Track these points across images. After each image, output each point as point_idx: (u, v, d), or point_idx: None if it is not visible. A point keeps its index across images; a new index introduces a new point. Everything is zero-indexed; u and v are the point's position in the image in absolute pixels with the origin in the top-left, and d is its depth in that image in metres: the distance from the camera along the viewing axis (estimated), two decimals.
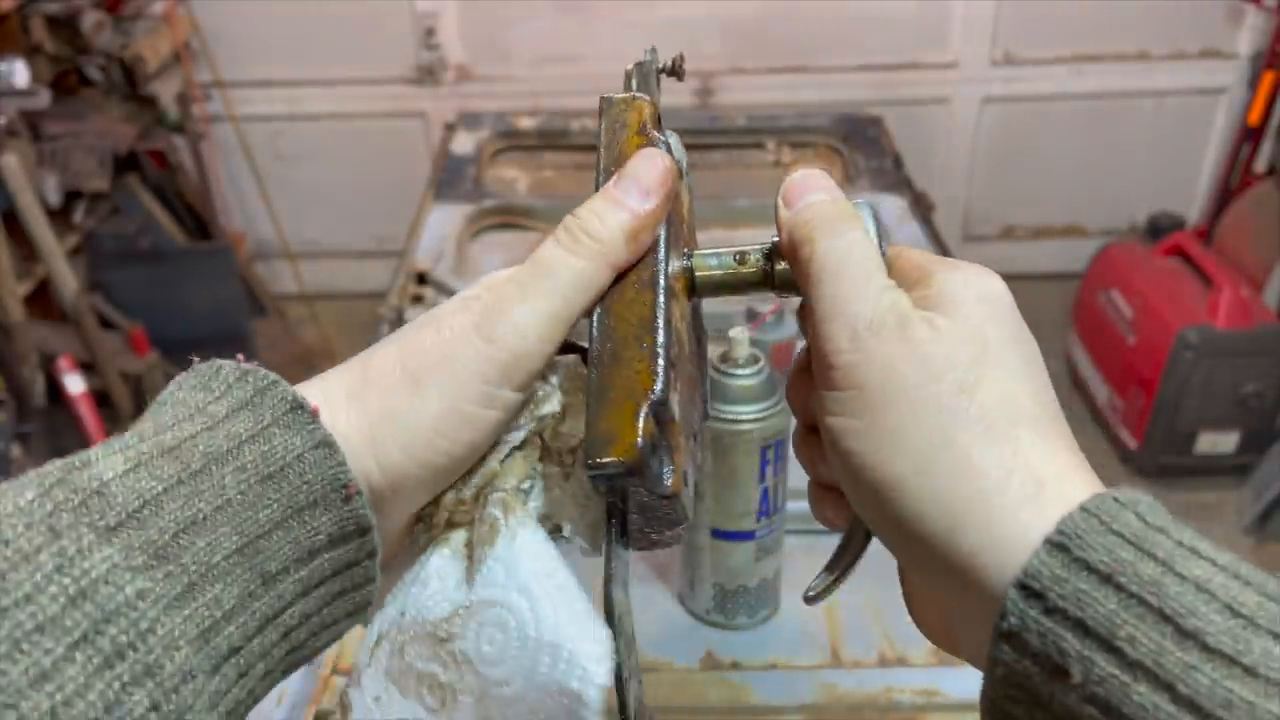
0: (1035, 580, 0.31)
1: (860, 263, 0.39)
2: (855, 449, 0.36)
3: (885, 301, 0.38)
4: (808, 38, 3.34)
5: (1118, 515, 0.32)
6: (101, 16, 2.81)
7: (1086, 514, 0.32)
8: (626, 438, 0.37)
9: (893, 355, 0.36)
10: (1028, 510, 0.33)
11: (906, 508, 0.35)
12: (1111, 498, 0.32)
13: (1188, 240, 2.96)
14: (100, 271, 2.86)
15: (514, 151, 2.15)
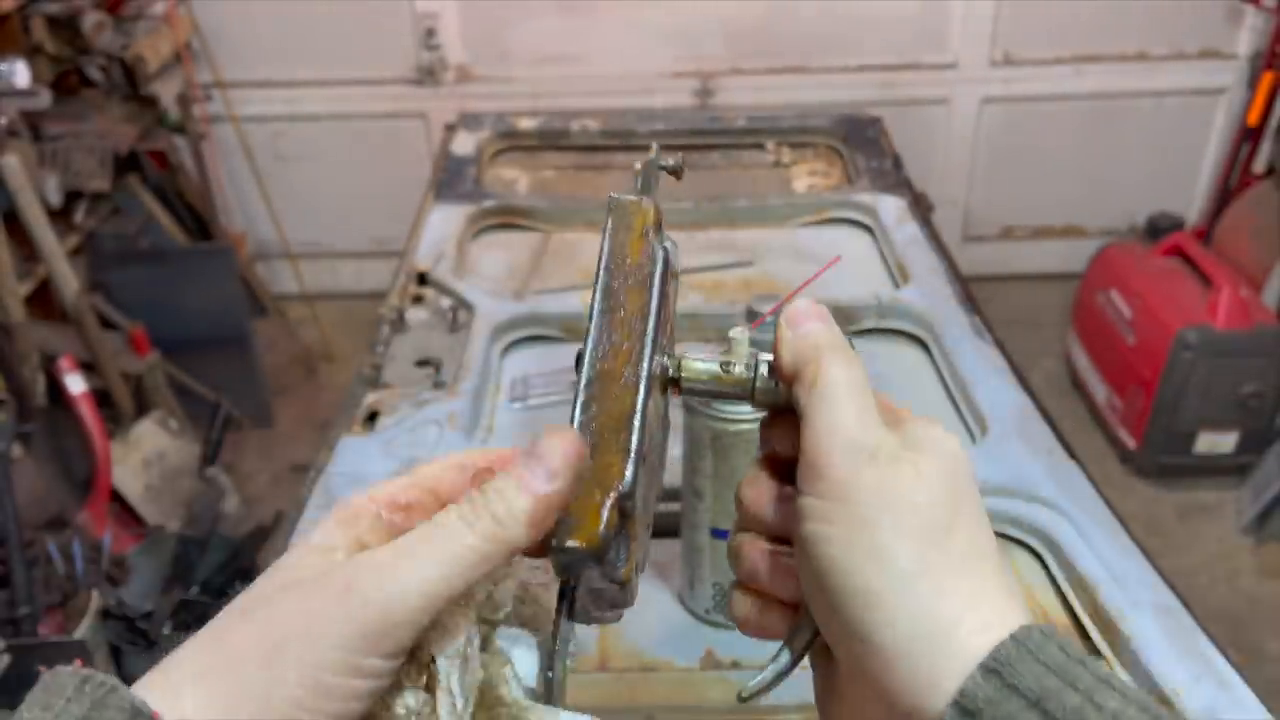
0: (970, 701, 0.35)
1: (864, 394, 0.42)
2: (836, 556, 0.39)
3: (881, 434, 0.41)
4: (808, 38, 3.34)
5: (1043, 646, 0.36)
6: (102, 17, 2.81)
7: (1016, 643, 0.36)
8: (591, 525, 0.40)
9: (885, 481, 0.40)
10: (976, 640, 0.37)
11: (879, 621, 0.38)
12: (1037, 630, 0.37)
13: (1187, 240, 2.97)
14: (101, 272, 2.86)
15: (514, 152, 2.15)
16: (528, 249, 1.79)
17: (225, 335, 3.02)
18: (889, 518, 0.39)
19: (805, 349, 0.43)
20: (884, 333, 1.50)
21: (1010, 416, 1.26)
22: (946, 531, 0.39)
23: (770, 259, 1.71)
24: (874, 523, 0.39)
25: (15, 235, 2.53)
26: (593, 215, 1.85)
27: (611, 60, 3.35)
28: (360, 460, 1.22)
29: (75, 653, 1.78)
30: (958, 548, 0.39)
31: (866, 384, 0.43)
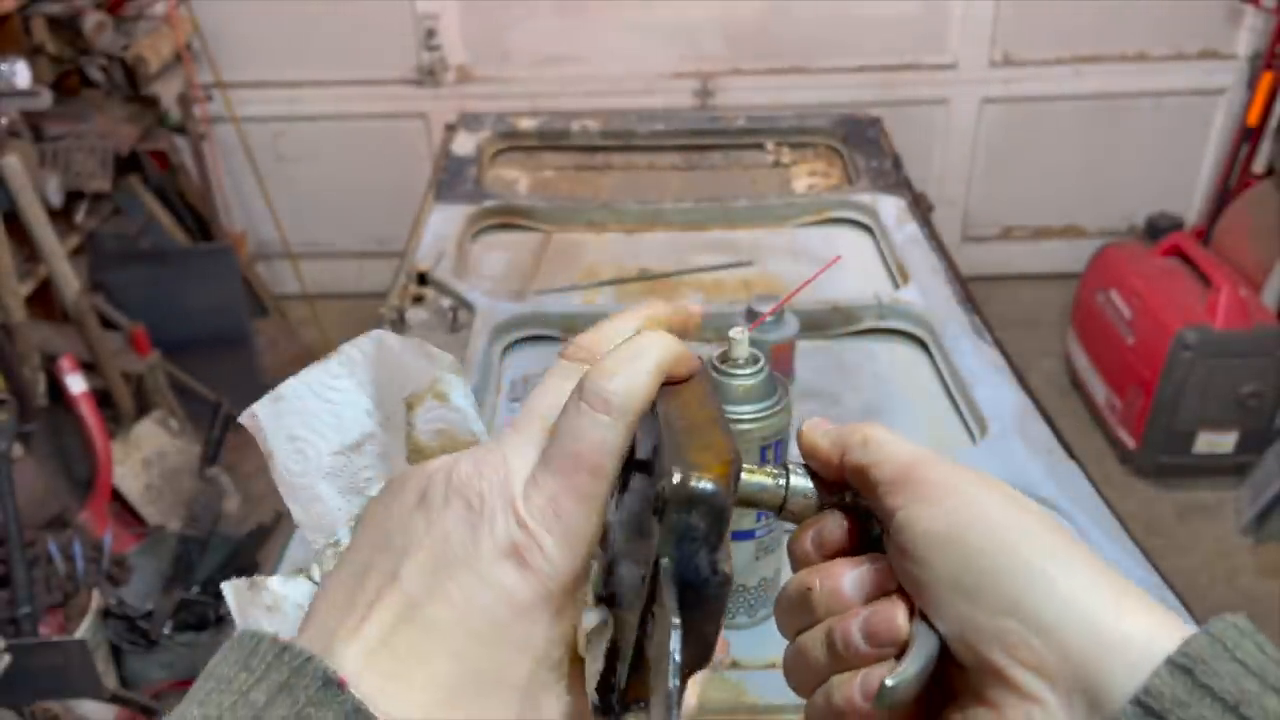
0: (1155, 700, 0.31)
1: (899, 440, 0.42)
2: (975, 540, 0.37)
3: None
4: (807, 39, 3.35)
5: (1239, 643, 0.32)
6: (103, 17, 2.81)
7: (1210, 638, 0.32)
8: (721, 460, 0.35)
9: (984, 477, 0.39)
10: (1131, 620, 0.34)
11: (1040, 597, 0.35)
12: (1233, 624, 0.32)
13: (1186, 240, 2.97)
14: (102, 272, 2.86)
15: (514, 152, 2.16)
16: (528, 249, 1.79)
17: (226, 335, 3.03)
18: (1001, 495, 0.38)
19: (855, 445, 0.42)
20: (884, 333, 1.50)
21: (1010, 416, 1.27)
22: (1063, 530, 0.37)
23: (770, 259, 1.72)
24: (1001, 502, 0.37)
25: (16, 235, 2.53)
26: (593, 215, 1.86)
27: (612, 61, 3.36)
28: None
29: (75, 653, 1.78)
30: (1068, 535, 0.37)
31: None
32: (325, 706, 0.34)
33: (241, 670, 0.35)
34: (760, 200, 1.86)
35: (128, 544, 2.41)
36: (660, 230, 1.83)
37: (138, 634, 2.13)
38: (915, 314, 1.49)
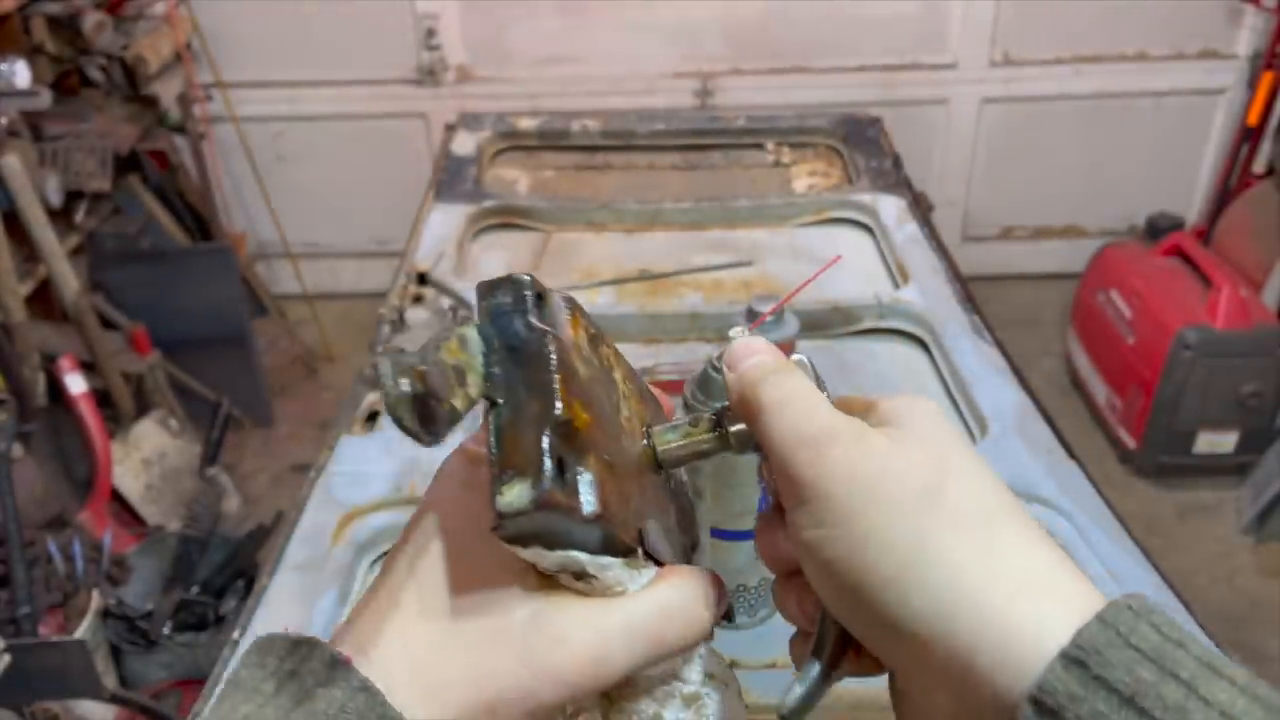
0: (1050, 696, 0.30)
1: (806, 394, 0.40)
2: (833, 556, 0.36)
3: (838, 418, 0.39)
4: (807, 39, 3.35)
5: (1134, 627, 0.30)
6: (102, 17, 2.81)
7: (1103, 625, 0.30)
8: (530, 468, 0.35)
9: (854, 461, 0.37)
10: (1021, 606, 0.32)
11: (894, 608, 0.34)
12: (1126, 606, 0.31)
13: (1187, 240, 2.97)
14: (101, 272, 2.86)
15: (514, 152, 2.15)
16: (528, 249, 1.79)
17: (225, 335, 3.03)
18: (868, 498, 0.36)
19: (746, 385, 0.41)
20: (884, 333, 1.50)
21: (1010, 416, 1.27)
22: (938, 492, 0.35)
23: (770, 259, 1.72)
24: (855, 511, 0.36)
25: (15, 235, 2.53)
26: (593, 215, 1.85)
27: (612, 60, 3.36)
28: (361, 460, 1.22)
29: (75, 653, 1.78)
30: (957, 506, 0.35)
31: (813, 388, 0.41)
32: (333, 685, 0.36)
33: (257, 669, 0.37)
34: (760, 200, 1.86)
35: (127, 544, 2.40)
36: (660, 230, 1.83)
37: (137, 634, 2.13)
38: (915, 314, 1.49)
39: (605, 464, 0.37)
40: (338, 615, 1.19)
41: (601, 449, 0.37)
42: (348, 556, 1.21)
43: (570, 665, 0.37)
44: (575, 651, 0.37)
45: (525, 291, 0.38)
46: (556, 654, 0.37)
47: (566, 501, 0.35)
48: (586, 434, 0.37)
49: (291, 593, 1.19)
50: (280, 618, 1.17)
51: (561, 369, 0.37)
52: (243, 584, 2.27)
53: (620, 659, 0.38)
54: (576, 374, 0.38)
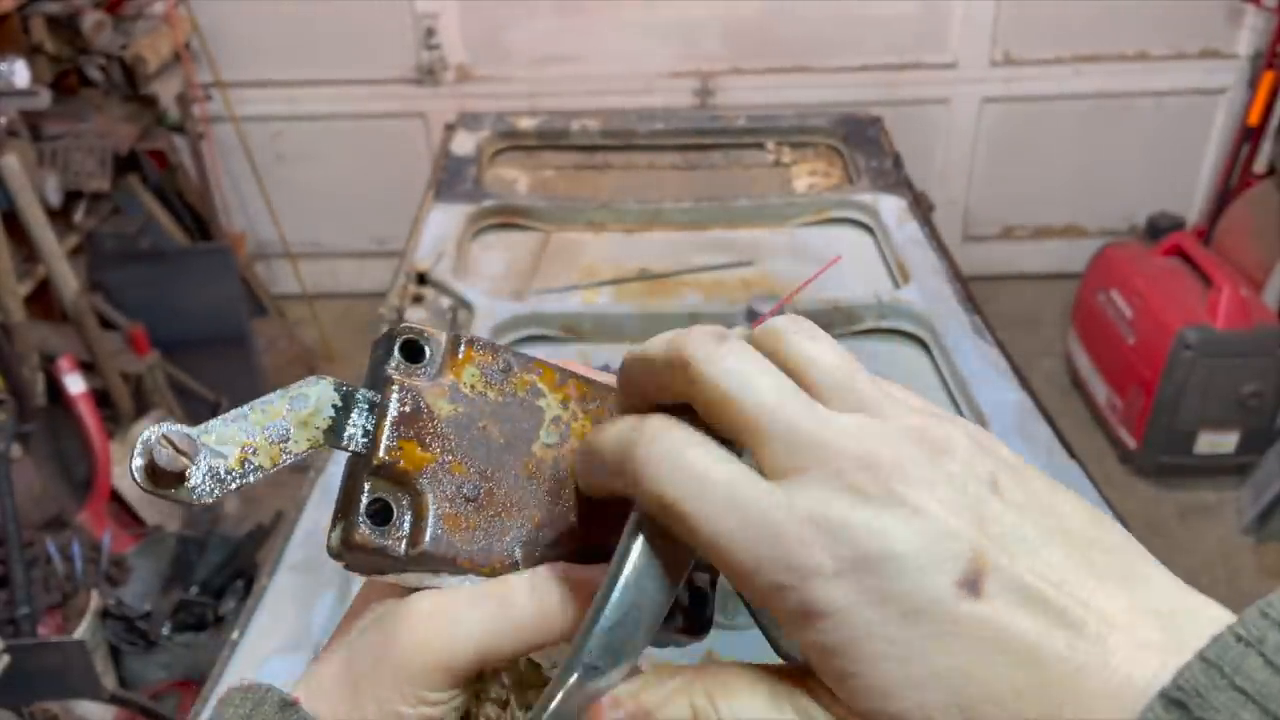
0: None
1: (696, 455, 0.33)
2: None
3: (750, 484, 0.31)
4: (808, 38, 3.34)
5: (1241, 664, 0.27)
6: (102, 17, 2.81)
7: (1207, 666, 0.27)
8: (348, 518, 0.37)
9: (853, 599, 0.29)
10: (1118, 656, 0.28)
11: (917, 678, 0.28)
12: (1235, 635, 0.28)
13: (1187, 240, 2.96)
14: (100, 271, 2.86)
15: (514, 151, 2.15)
16: (528, 249, 1.79)
17: (225, 335, 3.02)
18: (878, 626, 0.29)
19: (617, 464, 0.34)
20: (884, 333, 1.50)
21: (1011, 416, 1.26)
22: (974, 589, 0.29)
23: (770, 259, 1.71)
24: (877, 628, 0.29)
25: (15, 235, 2.53)
26: (593, 215, 1.85)
27: (611, 60, 3.35)
28: None
29: (74, 653, 1.78)
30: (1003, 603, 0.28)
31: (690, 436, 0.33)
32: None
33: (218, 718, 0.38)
34: (760, 200, 1.86)
35: (126, 544, 2.40)
36: (660, 230, 1.83)
37: (136, 634, 2.13)
38: (916, 314, 1.48)
39: (460, 498, 0.39)
40: (337, 615, 1.19)
41: (455, 485, 0.39)
42: None
43: (417, 624, 0.37)
44: (418, 609, 0.38)
45: (394, 344, 0.39)
46: (403, 618, 0.38)
47: (375, 543, 0.37)
48: (421, 474, 0.38)
49: (291, 593, 1.19)
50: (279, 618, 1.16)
51: (401, 413, 0.38)
52: (242, 584, 2.27)
53: (467, 616, 0.37)
54: (428, 415, 0.39)
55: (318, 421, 0.38)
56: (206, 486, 0.35)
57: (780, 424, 0.31)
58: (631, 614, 0.33)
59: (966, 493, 0.30)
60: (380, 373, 0.39)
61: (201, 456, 0.35)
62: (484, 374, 0.41)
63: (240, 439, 0.36)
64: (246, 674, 1.16)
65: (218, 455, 0.35)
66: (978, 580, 0.29)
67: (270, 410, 0.38)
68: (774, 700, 0.32)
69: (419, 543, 0.37)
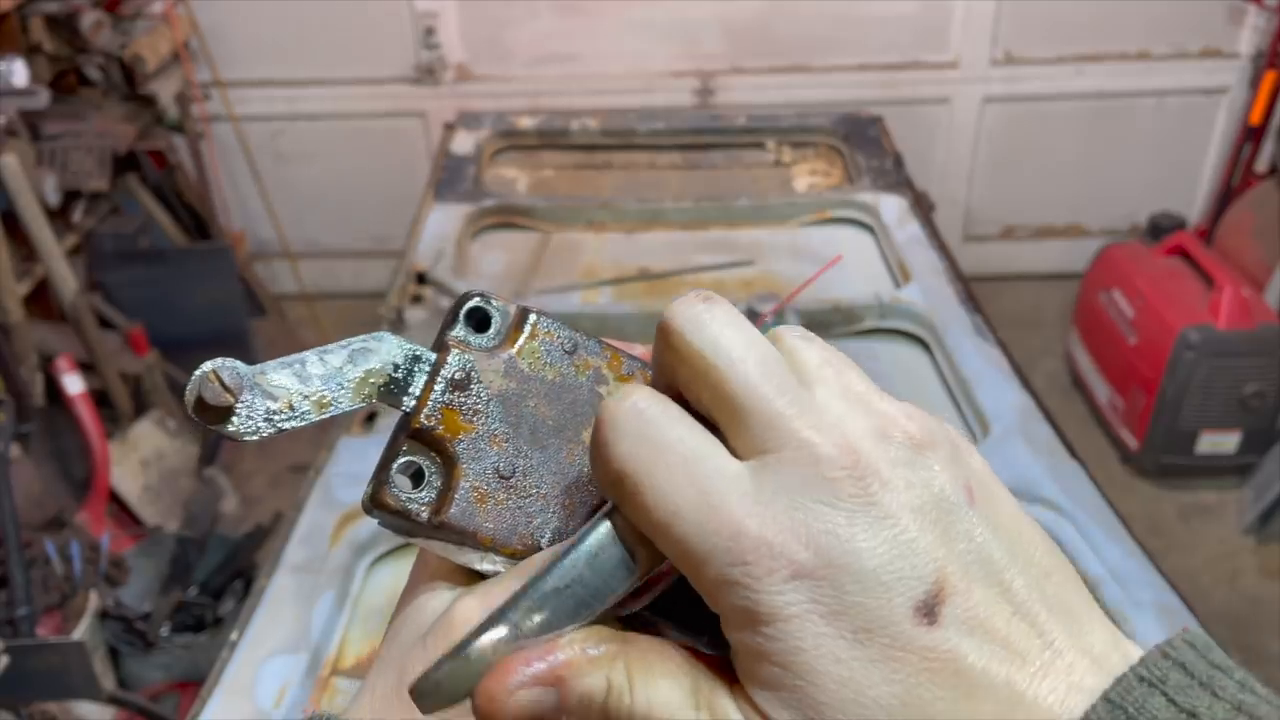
0: None
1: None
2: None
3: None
4: (808, 37, 3.34)
5: (1145, 704, 0.27)
6: (101, 16, 2.80)
7: (1111, 707, 0.27)
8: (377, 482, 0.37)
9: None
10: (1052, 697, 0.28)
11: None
12: (1138, 676, 0.28)
13: (1189, 240, 2.96)
14: (99, 271, 2.86)
15: (513, 151, 2.15)
16: (528, 249, 1.78)
17: (224, 335, 3.02)
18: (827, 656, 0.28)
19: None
20: (885, 333, 1.49)
21: (1012, 416, 1.26)
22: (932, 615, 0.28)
23: (771, 258, 1.71)
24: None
25: (14, 235, 2.53)
26: (593, 215, 1.85)
27: (611, 59, 3.35)
28: (359, 460, 1.21)
29: (73, 654, 1.78)
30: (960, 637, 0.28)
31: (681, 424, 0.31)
32: None
33: None
34: (761, 200, 1.85)
35: (125, 545, 2.40)
36: (660, 230, 1.82)
37: (135, 635, 2.13)
38: (917, 314, 1.48)
39: (494, 475, 0.38)
40: (336, 616, 1.18)
41: (492, 460, 0.38)
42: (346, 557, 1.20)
43: (459, 633, 0.35)
44: (460, 616, 0.36)
45: (460, 310, 0.39)
46: (445, 629, 0.36)
47: (400, 505, 0.37)
48: (458, 443, 0.38)
49: (290, 594, 1.18)
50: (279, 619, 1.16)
51: (450, 380, 0.38)
52: (241, 585, 2.27)
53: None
54: (477, 386, 0.39)
55: (375, 378, 0.38)
56: (252, 425, 0.35)
57: (759, 398, 0.29)
58: (575, 588, 0.32)
59: (941, 502, 0.29)
60: (443, 336, 0.39)
61: (249, 395, 0.35)
62: (546, 352, 0.40)
63: (293, 385, 0.36)
64: (245, 675, 1.15)
65: (268, 397, 0.35)
66: (936, 606, 0.28)
67: (328, 360, 0.37)
68: (694, 695, 0.30)
69: (442, 511, 0.37)
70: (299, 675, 1.11)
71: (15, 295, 2.50)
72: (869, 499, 0.28)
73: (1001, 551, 0.29)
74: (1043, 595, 0.29)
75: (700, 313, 0.31)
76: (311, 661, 1.12)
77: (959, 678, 0.27)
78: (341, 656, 1.16)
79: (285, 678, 1.10)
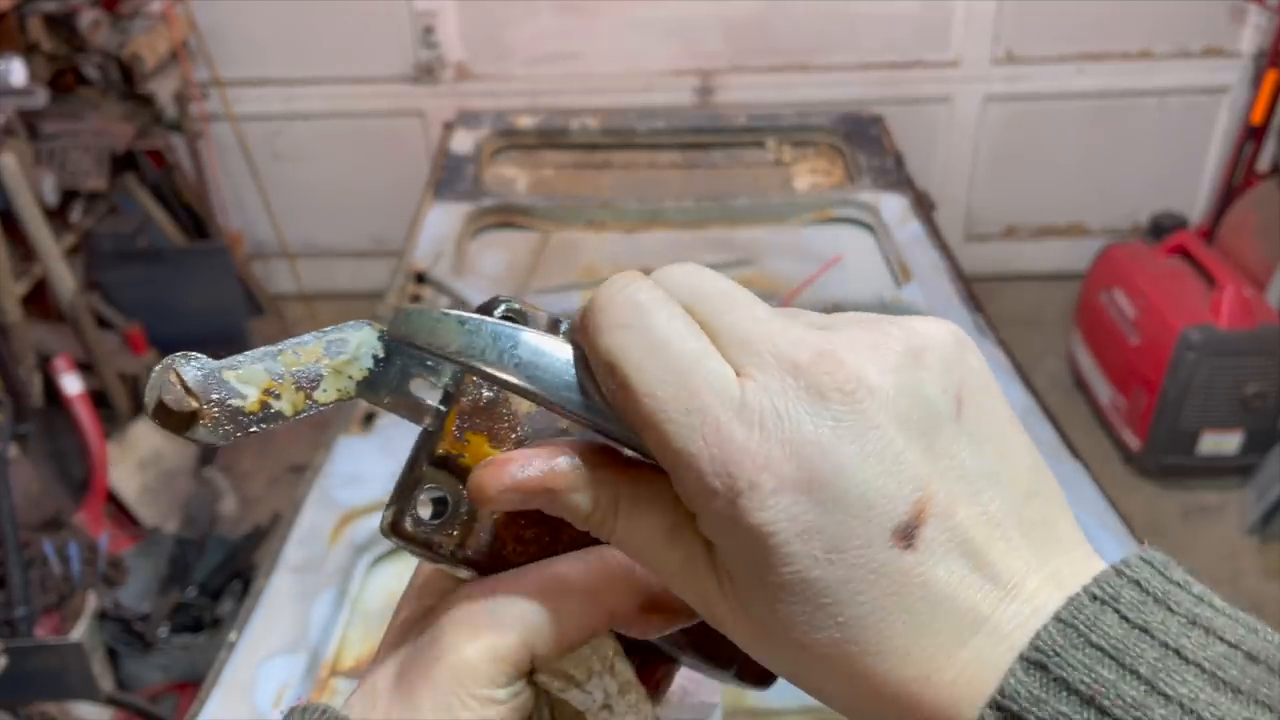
0: (1012, 701, 0.27)
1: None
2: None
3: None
4: (809, 36, 3.33)
5: (1096, 621, 0.28)
6: (99, 15, 2.80)
7: (1063, 625, 0.28)
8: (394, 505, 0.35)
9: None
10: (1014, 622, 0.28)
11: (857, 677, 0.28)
12: (1090, 594, 0.28)
13: (1190, 240, 2.95)
14: (98, 271, 2.85)
15: (513, 150, 2.14)
16: (527, 248, 1.78)
17: (222, 335, 3.01)
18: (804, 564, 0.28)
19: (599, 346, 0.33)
20: None
21: None
22: (909, 538, 0.28)
23: (771, 258, 1.70)
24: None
25: (12, 234, 2.52)
26: (593, 214, 1.84)
27: (611, 58, 3.34)
28: (358, 461, 1.21)
29: (72, 655, 1.77)
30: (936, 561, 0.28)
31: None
32: None
33: None
34: (761, 199, 1.85)
35: (124, 545, 2.39)
36: (660, 229, 1.82)
37: (134, 636, 2.12)
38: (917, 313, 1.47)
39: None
40: (335, 616, 1.18)
41: None
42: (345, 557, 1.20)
43: (459, 618, 0.35)
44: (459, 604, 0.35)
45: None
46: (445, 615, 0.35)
47: (422, 536, 0.35)
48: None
49: (289, 594, 1.18)
50: (278, 619, 1.15)
51: (475, 403, 0.35)
52: (240, 585, 2.26)
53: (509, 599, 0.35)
54: (505, 408, 0.36)
55: (353, 371, 0.34)
56: (220, 431, 0.32)
57: (731, 320, 0.30)
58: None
59: (930, 413, 0.28)
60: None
61: (216, 396, 0.31)
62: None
63: (264, 380, 0.32)
64: (244, 675, 1.15)
65: (237, 395, 0.32)
66: (915, 529, 0.28)
67: (303, 352, 0.33)
68: (670, 535, 0.31)
69: (467, 545, 0.35)
70: (298, 676, 1.10)
71: (13, 295, 2.49)
72: (856, 408, 0.28)
73: (984, 470, 0.29)
74: (1019, 518, 0.29)
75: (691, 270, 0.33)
76: (310, 662, 1.12)
77: (924, 603, 0.28)
78: (340, 657, 1.16)
79: (284, 678, 1.10)
